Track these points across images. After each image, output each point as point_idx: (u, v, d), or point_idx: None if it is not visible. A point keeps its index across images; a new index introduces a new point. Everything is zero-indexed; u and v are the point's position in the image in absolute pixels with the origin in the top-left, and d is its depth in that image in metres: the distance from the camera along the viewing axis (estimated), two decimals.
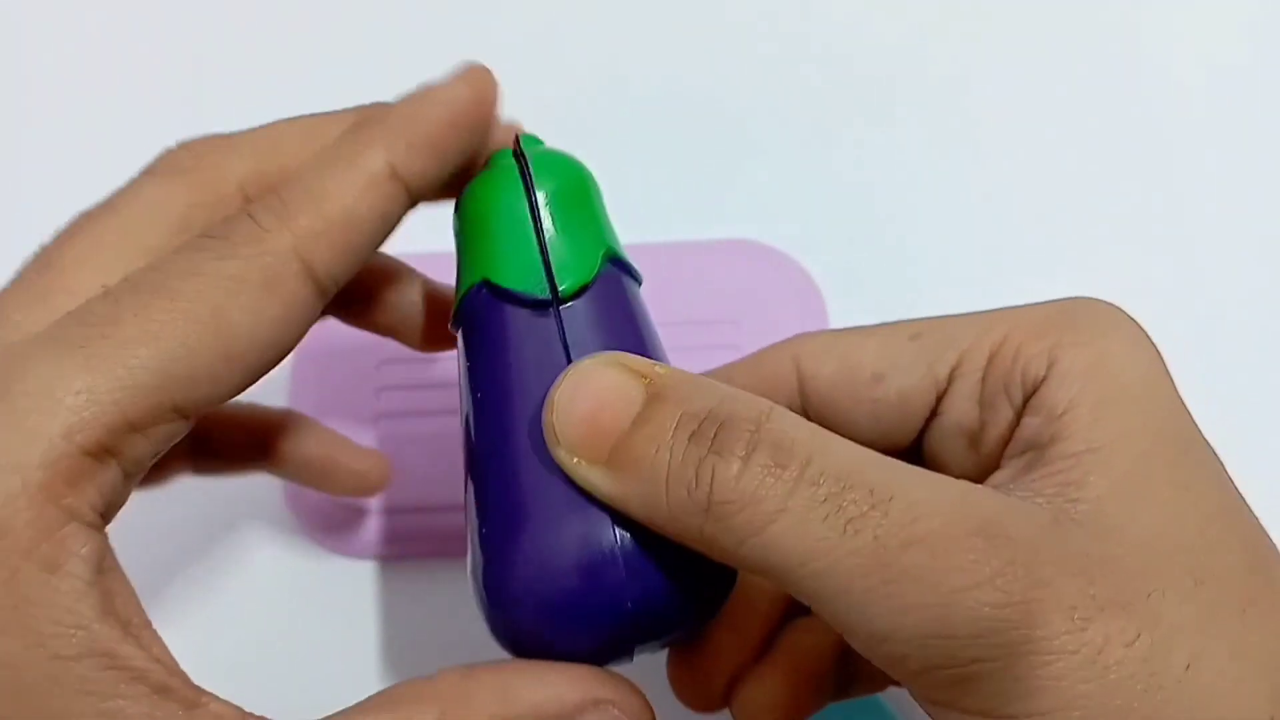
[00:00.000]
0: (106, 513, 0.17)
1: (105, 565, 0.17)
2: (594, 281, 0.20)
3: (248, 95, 0.39)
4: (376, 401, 0.31)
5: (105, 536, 0.17)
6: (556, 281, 0.20)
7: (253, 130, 0.21)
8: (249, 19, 0.41)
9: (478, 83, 0.20)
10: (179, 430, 0.18)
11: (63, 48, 0.40)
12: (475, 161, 0.21)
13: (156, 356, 0.17)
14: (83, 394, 0.16)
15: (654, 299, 0.32)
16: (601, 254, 0.21)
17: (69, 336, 0.17)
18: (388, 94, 0.21)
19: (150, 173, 0.20)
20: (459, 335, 0.21)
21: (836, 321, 0.32)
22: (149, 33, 0.40)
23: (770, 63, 0.39)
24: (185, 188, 0.19)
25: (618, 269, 0.21)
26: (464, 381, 0.21)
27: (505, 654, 0.19)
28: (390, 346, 0.32)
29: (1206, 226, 0.35)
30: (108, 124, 0.37)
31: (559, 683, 0.18)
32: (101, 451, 0.17)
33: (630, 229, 0.34)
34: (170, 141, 0.20)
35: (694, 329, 0.31)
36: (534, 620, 0.18)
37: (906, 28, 0.40)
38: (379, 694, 0.18)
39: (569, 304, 0.20)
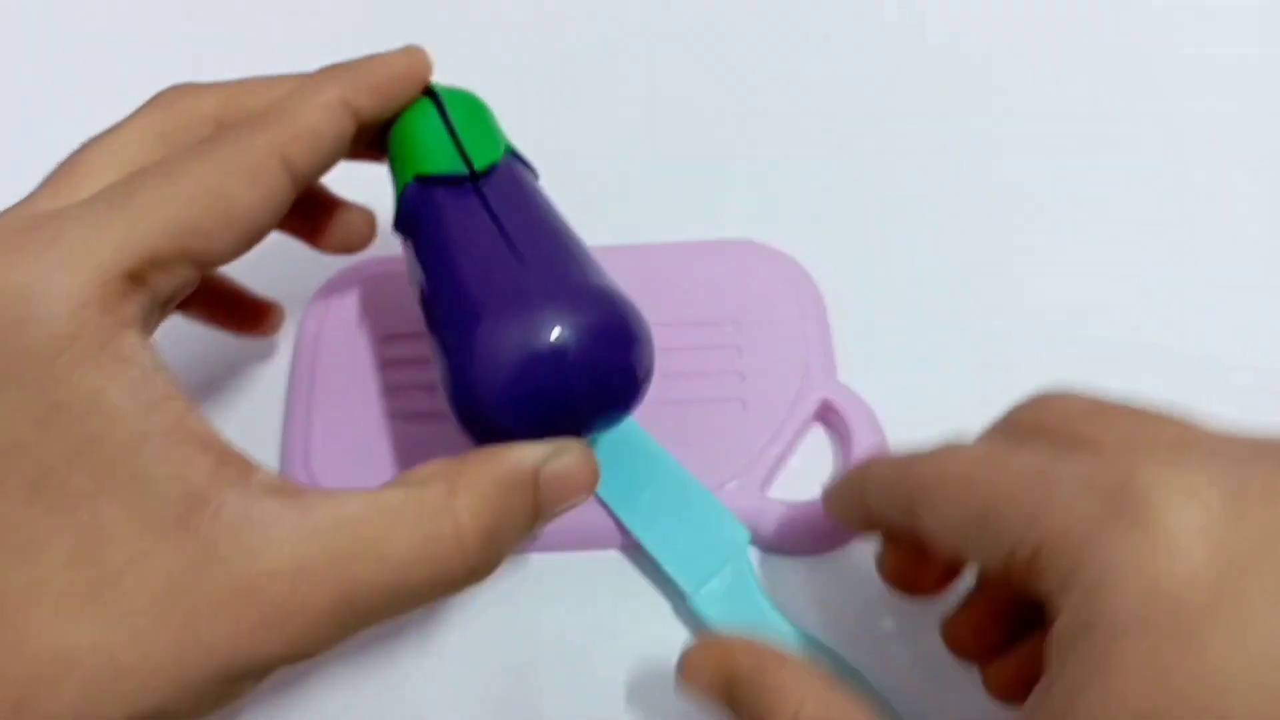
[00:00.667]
0: (145, 331, 0.22)
1: (162, 361, 0.21)
2: (501, 162, 0.26)
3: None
4: (380, 399, 0.31)
5: (153, 342, 0.22)
6: (471, 160, 0.26)
7: (224, 81, 0.26)
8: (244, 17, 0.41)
9: (416, 56, 0.27)
10: (191, 277, 0.23)
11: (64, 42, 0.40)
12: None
13: (175, 214, 0.22)
14: (121, 235, 0.21)
15: (656, 298, 0.32)
16: (503, 147, 0.27)
17: (107, 199, 0.22)
18: None
19: (141, 107, 0.25)
20: (402, 235, 0.26)
21: (837, 322, 0.32)
22: (148, 27, 0.40)
23: (773, 64, 0.39)
24: (166, 116, 0.25)
25: (519, 161, 0.27)
26: (413, 264, 0.26)
27: None
28: (393, 347, 0.32)
29: (1209, 229, 0.35)
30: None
31: (533, 447, 0.23)
32: (138, 277, 0.21)
33: (632, 230, 0.34)
34: None
35: (696, 329, 0.31)
36: (496, 407, 0.23)
37: (909, 27, 0.40)
38: (394, 480, 0.22)
39: (485, 181, 0.26)
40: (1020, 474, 0.20)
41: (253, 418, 0.32)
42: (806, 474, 0.30)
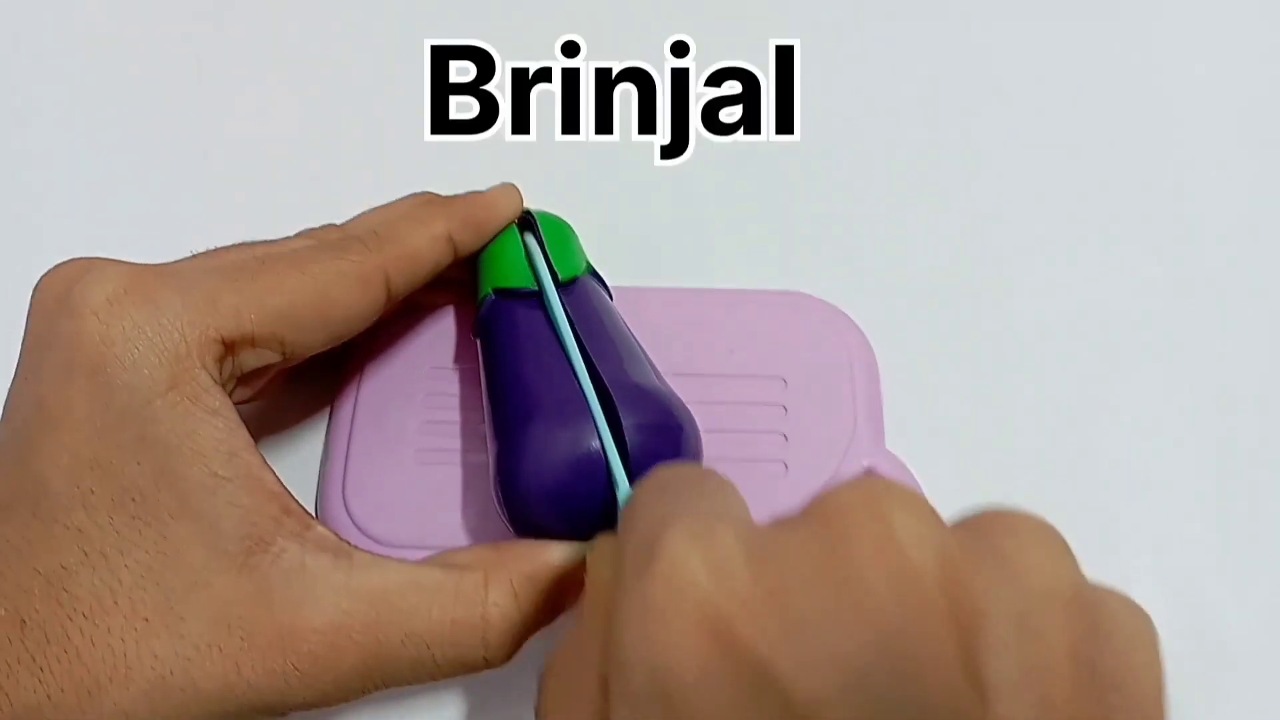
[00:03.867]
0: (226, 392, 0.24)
1: (240, 420, 0.24)
2: (572, 282, 0.29)
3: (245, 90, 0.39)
4: (421, 433, 0.30)
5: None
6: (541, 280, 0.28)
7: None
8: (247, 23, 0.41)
9: (514, 195, 0.30)
10: (273, 360, 0.26)
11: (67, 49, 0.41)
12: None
13: (282, 304, 0.25)
14: (230, 307, 0.24)
15: (699, 346, 0.31)
16: (582, 267, 0.29)
17: (233, 272, 0.25)
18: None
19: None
20: (479, 340, 0.29)
21: (889, 382, 0.31)
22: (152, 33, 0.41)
23: (824, 117, 0.38)
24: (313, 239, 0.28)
25: (595, 280, 0.30)
26: (485, 367, 0.28)
27: None
28: (438, 380, 0.32)
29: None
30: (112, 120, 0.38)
31: (562, 547, 0.24)
32: (231, 347, 0.24)
33: (678, 274, 0.33)
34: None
35: (740, 383, 0.30)
36: (537, 506, 0.24)
37: (959, 84, 0.39)
38: (432, 559, 0.25)
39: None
40: (647, 507, 0.19)
41: (293, 443, 0.32)
42: None
